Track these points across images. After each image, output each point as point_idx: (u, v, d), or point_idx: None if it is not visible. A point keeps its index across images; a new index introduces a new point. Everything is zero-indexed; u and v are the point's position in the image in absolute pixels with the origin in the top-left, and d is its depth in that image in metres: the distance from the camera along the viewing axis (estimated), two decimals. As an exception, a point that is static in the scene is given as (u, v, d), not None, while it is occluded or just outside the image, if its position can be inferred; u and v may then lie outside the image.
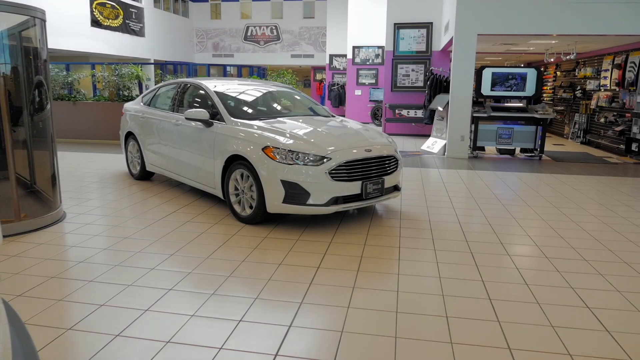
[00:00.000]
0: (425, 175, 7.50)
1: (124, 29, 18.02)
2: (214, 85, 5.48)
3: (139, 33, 18.99)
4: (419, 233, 4.47)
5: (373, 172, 4.55)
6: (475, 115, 9.32)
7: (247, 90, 5.76)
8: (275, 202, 4.32)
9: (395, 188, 4.95)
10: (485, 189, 6.58)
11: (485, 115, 9.32)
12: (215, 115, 5.09)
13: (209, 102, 5.28)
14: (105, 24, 16.99)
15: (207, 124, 5.06)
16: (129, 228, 4.49)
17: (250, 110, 5.41)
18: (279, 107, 5.79)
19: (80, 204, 5.33)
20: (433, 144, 10.19)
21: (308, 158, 4.27)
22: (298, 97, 6.15)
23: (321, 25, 22.25)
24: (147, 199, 5.67)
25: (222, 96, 5.28)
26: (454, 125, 9.33)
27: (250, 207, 4.59)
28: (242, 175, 4.62)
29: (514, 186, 6.75)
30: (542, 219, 5.04)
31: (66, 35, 14.98)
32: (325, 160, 4.28)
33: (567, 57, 10.92)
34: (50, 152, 4.75)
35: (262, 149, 4.39)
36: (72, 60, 16.64)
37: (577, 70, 12.70)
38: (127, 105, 6.96)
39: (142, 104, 6.61)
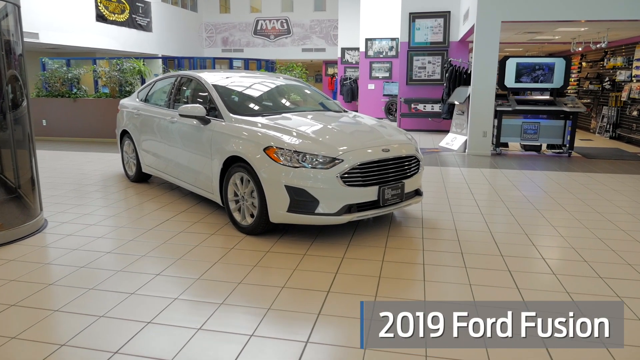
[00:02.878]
0: (445, 175, 6.88)
1: (131, 24, 17.57)
2: (211, 77, 4.92)
3: (146, 28, 18.54)
4: (445, 246, 3.87)
5: (391, 175, 3.96)
6: (498, 109, 8.65)
7: (250, 83, 5.20)
8: (278, 211, 3.76)
9: (417, 193, 4.35)
10: (513, 190, 5.94)
11: (509, 109, 8.64)
12: (213, 111, 4.54)
13: (207, 97, 4.73)
14: (111, 19, 16.55)
15: (204, 121, 4.52)
16: (114, 240, 3.97)
17: (252, 106, 4.86)
18: (285, 102, 5.22)
19: (67, 210, 4.83)
20: (452, 141, 9.54)
21: (316, 160, 3.70)
22: (307, 91, 5.57)
23: (333, 18, 21.57)
24: (141, 204, 5.15)
25: (221, 90, 4.73)
26: (475, 120, 8.67)
27: (252, 215, 4.04)
28: (242, 180, 4.06)
29: (545, 187, 6.10)
30: (585, 226, 4.40)
31: (70, 30, 14.57)
32: (336, 162, 3.70)
33: (597, 45, 10.16)
34: (29, 153, 4.26)
35: (264, 150, 3.82)
36: (80, 56, 16.26)
37: (605, 60, 11.90)
38: (123, 101, 6.46)
39: (137, 99, 6.09)
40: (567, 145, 8.71)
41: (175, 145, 5.02)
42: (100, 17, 16.06)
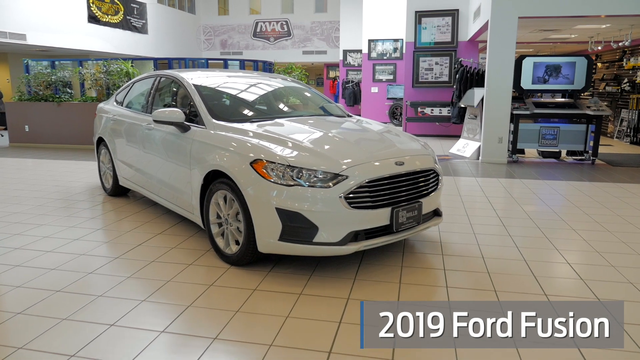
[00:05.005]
0: (461, 186, 6.16)
1: (125, 25, 16.94)
2: (193, 77, 4.23)
3: (142, 30, 17.91)
4: (474, 281, 3.16)
5: (406, 193, 3.26)
6: (515, 112, 7.94)
7: (240, 84, 4.51)
8: (268, 239, 3.06)
9: (435, 213, 3.65)
10: (540, 205, 5.23)
11: (527, 112, 7.93)
12: (194, 116, 3.85)
13: (188, 100, 4.04)
14: (104, 20, 15.92)
15: (182, 128, 3.82)
16: (69, 273, 3.26)
17: (241, 110, 4.17)
18: (280, 106, 4.54)
19: (25, 232, 4.13)
20: (464, 147, 8.83)
21: (315, 176, 3.00)
22: (306, 94, 4.87)
23: (334, 20, 20.92)
24: (114, 224, 4.46)
25: (204, 92, 4.03)
26: (490, 124, 7.96)
27: (237, 242, 3.33)
28: (225, 199, 3.36)
29: (575, 200, 5.38)
30: (637, 252, 3.68)
31: (60, 32, 13.92)
32: (339, 178, 2.99)
33: (620, 44, 9.45)
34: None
35: (251, 163, 3.12)
36: (71, 59, 15.61)
37: (624, 60, 11.19)
38: (101, 105, 5.78)
39: (114, 102, 5.41)
40: (590, 151, 8.00)
41: (151, 156, 4.34)
42: (93, 18, 15.42)
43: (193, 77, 4.24)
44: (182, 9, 21.16)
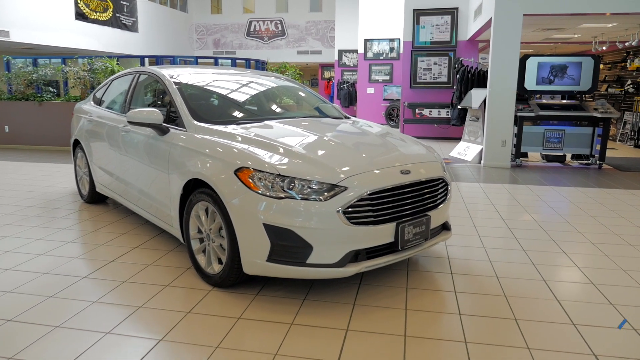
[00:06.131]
0: (465, 193, 5.78)
1: (114, 23, 16.47)
2: (174, 74, 3.82)
3: (132, 28, 17.45)
4: (490, 307, 2.77)
5: (413, 206, 2.87)
6: (518, 114, 7.59)
7: (228, 82, 4.10)
8: (255, 259, 2.65)
9: (444, 227, 3.26)
10: (553, 215, 4.85)
11: (531, 114, 7.58)
12: (174, 117, 3.45)
13: (168, 99, 3.63)
14: (92, 17, 15.45)
15: (161, 130, 3.42)
16: (27, 297, 2.84)
17: (227, 111, 3.76)
18: (271, 106, 4.14)
19: (-14, 246, 3.71)
20: (465, 150, 8.46)
21: (309, 187, 2.60)
22: (300, 93, 4.48)
23: (329, 19, 20.57)
24: (87, 235, 4.03)
25: (185, 90, 3.62)
26: (493, 127, 7.60)
27: (220, 261, 2.93)
28: (207, 211, 2.96)
29: (590, 209, 5.01)
30: (666, 271, 3.32)
31: (46, 29, 13.45)
32: (337, 190, 2.60)
33: (627, 43, 9.12)
34: None
35: (235, 172, 2.72)
36: (59, 57, 15.11)
37: (628, 61, 10.90)
38: (79, 104, 5.35)
39: (91, 102, 4.99)
40: (597, 155, 7.66)
41: (128, 162, 3.92)
42: (80, 16, 14.95)
43: (175, 74, 3.82)
44: (174, 7, 20.70)
